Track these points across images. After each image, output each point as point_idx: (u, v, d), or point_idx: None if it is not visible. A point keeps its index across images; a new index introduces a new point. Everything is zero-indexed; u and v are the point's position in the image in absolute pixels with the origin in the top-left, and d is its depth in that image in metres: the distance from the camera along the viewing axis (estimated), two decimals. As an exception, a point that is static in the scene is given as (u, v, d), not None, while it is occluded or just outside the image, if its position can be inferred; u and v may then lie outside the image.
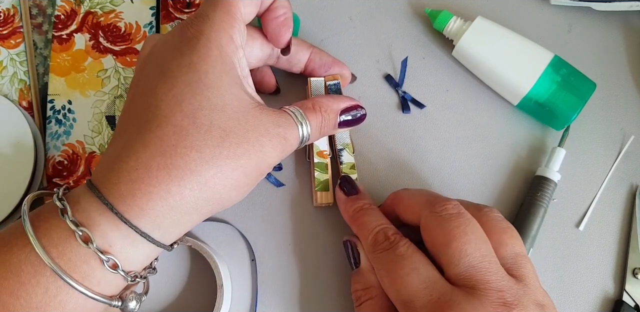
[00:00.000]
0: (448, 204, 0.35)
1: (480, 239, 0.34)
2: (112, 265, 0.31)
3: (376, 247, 0.36)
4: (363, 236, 0.38)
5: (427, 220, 0.35)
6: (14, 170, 0.44)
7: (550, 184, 0.43)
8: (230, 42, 0.35)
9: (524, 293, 0.32)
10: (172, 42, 0.35)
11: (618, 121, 0.47)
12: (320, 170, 0.43)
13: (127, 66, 0.48)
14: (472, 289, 0.32)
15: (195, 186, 0.32)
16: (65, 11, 0.49)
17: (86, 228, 0.30)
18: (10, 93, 0.48)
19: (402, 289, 0.33)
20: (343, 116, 0.40)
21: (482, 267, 0.32)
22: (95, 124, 0.47)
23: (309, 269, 0.43)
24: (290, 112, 0.37)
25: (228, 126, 0.33)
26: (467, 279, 0.32)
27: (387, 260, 0.35)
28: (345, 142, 0.44)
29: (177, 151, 0.31)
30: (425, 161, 0.46)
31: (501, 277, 0.32)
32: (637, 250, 0.43)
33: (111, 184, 0.31)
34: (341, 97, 0.41)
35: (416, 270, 0.33)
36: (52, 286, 0.30)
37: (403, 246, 0.35)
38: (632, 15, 0.49)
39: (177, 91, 0.33)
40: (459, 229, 0.34)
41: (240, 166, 0.33)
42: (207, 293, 0.42)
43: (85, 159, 0.46)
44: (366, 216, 0.39)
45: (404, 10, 0.49)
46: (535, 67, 0.43)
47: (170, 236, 0.33)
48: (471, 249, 0.33)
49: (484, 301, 0.31)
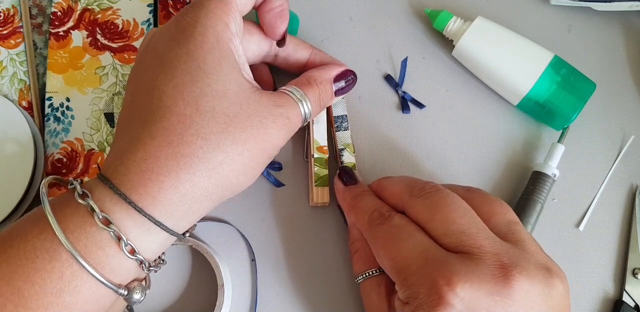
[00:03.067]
0: (426, 185, 0.36)
1: (463, 208, 0.34)
2: (130, 250, 0.31)
3: (372, 224, 0.37)
4: (360, 217, 0.38)
5: (410, 203, 0.36)
6: (13, 170, 0.44)
7: (547, 179, 0.43)
8: (226, 28, 0.35)
9: (522, 256, 0.32)
10: (168, 32, 0.35)
11: (618, 121, 0.47)
12: (319, 165, 0.43)
13: (125, 63, 0.48)
14: (468, 254, 0.32)
15: (204, 173, 0.32)
16: (62, 8, 0.49)
17: None
18: (10, 93, 0.47)
19: (398, 256, 0.33)
20: (337, 84, 0.41)
21: (472, 233, 0.33)
22: (94, 121, 0.47)
23: (309, 269, 0.43)
24: (288, 92, 0.37)
25: (231, 111, 0.33)
26: (460, 246, 0.32)
27: (383, 231, 0.36)
28: (346, 142, 0.44)
29: (183, 140, 0.32)
30: (425, 160, 0.46)
31: (494, 241, 0.32)
32: (637, 250, 0.43)
33: (121, 175, 0.32)
34: (330, 66, 0.41)
35: (411, 237, 0.34)
36: (67, 271, 0.30)
37: (398, 218, 0.36)
38: (632, 15, 0.49)
39: (178, 81, 0.33)
40: (440, 201, 0.34)
41: (247, 150, 0.33)
42: (207, 293, 0.42)
43: (84, 156, 0.46)
44: (362, 201, 0.39)
45: (404, 10, 0.49)
46: (535, 67, 0.43)
47: (184, 223, 0.33)
48: (456, 216, 0.33)
49: (480, 263, 0.31)
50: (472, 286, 0.30)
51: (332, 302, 0.42)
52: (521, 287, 0.30)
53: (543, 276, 0.31)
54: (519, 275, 0.30)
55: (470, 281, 0.30)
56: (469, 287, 0.30)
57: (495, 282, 0.30)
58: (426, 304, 0.30)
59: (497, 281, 0.30)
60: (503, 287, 0.30)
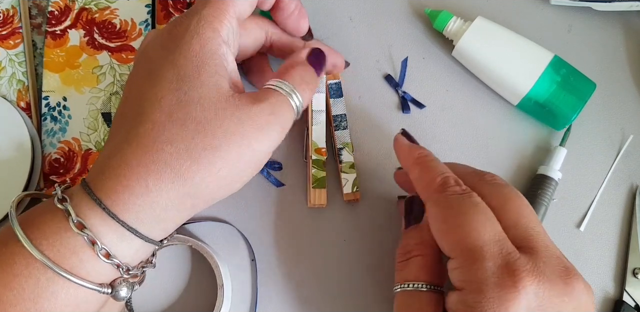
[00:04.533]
0: (496, 176, 0.36)
1: (530, 207, 0.34)
2: (104, 254, 0.31)
3: (447, 189, 0.34)
4: (429, 177, 0.35)
5: (481, 185, 0.35)
6: (11, 171, 0.44)
7: (551, 182, 0.43)
8: (216, 35, 0.34)
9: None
10: (160, 40, 0.36)
11: (618, 121, 0.47)
12: (317, 167, 0.43)
13: (122, 63, 0.48)
14: (533, 251, 0.31)
15: (173, 180, 0.32)
16: (59, 7, 0.48)
17: None
18: (9, 94, 0.47)
19: (474, 234, 0.31)
20: (312, 63, 0.38)
21: (540, 231, 0.33)
22: (91, 121, 0.46)
23: (309, 269, 0.43)
24: (270, 86, 0.36)
25: (203, 118, 0.32)
26: (527, 240, 0.32)
27: (460, 203, 0.33)
28: (345, 141, 0.44)
29: (154, 146, 0.32)
30: (426, 160, 0.45)
31: (554, 243, 0.33)
32: (637, 250, 0.43)
33: (99, 180, 0.32)
34: (297, 47, 0.41)
35: (491, 221, 0.32)
36: (42, 277, 0.30)
37: (478, 197, 0.33)
38: (632, 15, 0.49)
39: (158, 89, 0.33)
40: (512, 193, 0.34)
41: (218, 157, 0.32)
42: (207, 293, 0.42)
43: (81, 156, 0.46)
44: (434, 162, 0.36)
45: (404, 10, 0.49)
46: (535, 67, 0.43)
47: (156, 231, 0.33)
48: (527, 211, 0.34)
49: (549, 264, 0.31)
50: (544, 286, 0.30)
51: (333, 302, 0.42)
52: (581, 291, 0.31)
53: (586, 284, 0.32)
54: (577, 278, 0.31)
55: (543, 281, 0.30)
56: (542, 286, 0.30)
57: (565, 283, 0.30)
58: (496, 296, 0.30)
59: (567, 283, 0.31)
60: (572, 289, 0.31)
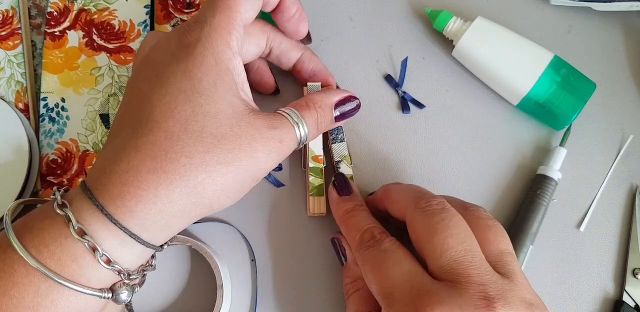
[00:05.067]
0: (433, 200, 0.35)
1: (464, 233, 0.33)
2: (105, 260, 0.31)
3: (362, 245, 0.36)
4: (351, 235, 0.38)
5: (412, 215, 0.35)
6: (8, 172, 0.44)
7: (551, 182, 0.43)
8: (227, 48, 0.35)
9: (509, 289, 0.31)
10: (169, 46, 0.35)
11: (618, 121, 0.47)
12: (315, 175, 0.43)
13: (121, 64, 0.47)
14: (453, 283, 0.31)
15: (183, 190, 0.32)
16: (58, 8, 0.48)
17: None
18: (7, 95, 0.47)
19: (384, 281, 0.33)
20: (338, 109, 0.40)
21: (465, 261, 0.32)
22: (89, 122, 0.46)
23: (309, 269, 0.43)
24: (285, 114, 0.37)
25: (219, 133, 0.33)
26: (448, 273, 0.32)
27: (372, 255, 0.35)
28: (342, 153, 0.44)
29: (167, 156, 0.32)
30: (425, 160, 0.45)
31: (484, 271, 0.32)
32: (637, 250, 0.43)
33: (102, 185, 0.32)
34: (333, 91, 0.41)
35: (398, 263, 0.33)
36: (42, 286, 0.30)
37: (388, 242, 0.35)
38: (632, 15, 0.49)
39: (171, 98, 0.33)
40: (442, 223, 0.33)
41: (230, 171, 0.33)
42: (207, 293, 0.42)
43: (79, 158, 0.46)
44: (355, 217, 0.39)
45: (404, 10, 0.49)
46: (535, 67, 0.43)
47: (160, 237, 0.34)
48: (453, 242, 0.33)
49: (464, 294, 0.30)
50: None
51: (333, 302, 0.42)
52: None
53: (525, 311, 0.31)
54: (501, 308, 0.30)
55: (452, 311, 0.30)
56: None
57: None
58: None
59: None
60: None
